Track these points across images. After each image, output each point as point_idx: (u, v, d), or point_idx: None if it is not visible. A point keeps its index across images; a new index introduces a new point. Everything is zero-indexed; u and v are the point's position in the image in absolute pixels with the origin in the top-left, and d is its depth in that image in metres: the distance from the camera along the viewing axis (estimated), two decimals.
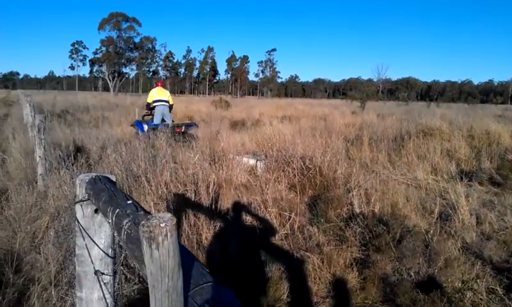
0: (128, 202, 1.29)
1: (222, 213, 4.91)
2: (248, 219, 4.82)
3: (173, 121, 10.57)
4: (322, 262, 3.75)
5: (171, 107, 10.57)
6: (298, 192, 5.14)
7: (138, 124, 10.67)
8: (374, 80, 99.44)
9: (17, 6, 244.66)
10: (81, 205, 1.70)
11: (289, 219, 4.57)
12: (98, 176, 1.68)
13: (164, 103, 10.30)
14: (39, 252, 3.66)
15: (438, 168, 7.55)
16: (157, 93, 10.43)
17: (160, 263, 0.86)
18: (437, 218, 4.76)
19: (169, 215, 0.85)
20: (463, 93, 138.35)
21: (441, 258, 3.85)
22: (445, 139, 9.46)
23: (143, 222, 0.82)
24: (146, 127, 9.99)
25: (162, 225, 0.82)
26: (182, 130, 9.87)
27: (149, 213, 1.18)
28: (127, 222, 1.15)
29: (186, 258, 0.93)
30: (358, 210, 4.75)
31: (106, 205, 1.37)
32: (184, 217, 4.32)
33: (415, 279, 3.63)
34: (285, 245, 4.20)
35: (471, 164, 8.05)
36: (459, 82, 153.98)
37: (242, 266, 3.67)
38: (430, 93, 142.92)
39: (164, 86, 11.27)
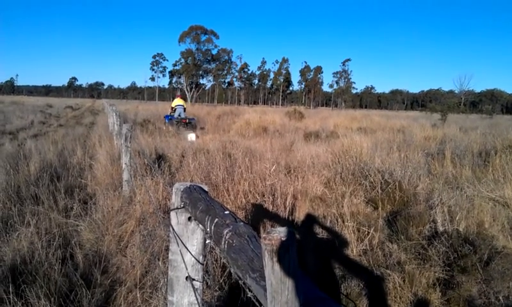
0: (226, 212, 1.32)
1: (298, 225, 4.90)
2: (323, 231, 4.77)
3: (185, 116, 17.33)
4: (404, 281, 3.63)
5: (185, 109, 17.71)
6: (379, 207, 5.01)
7: (166, 117, 17.98)
8: (456, 91, 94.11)
9: (103, 22, 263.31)
10: (176, 213, 1.77)
11: (368, 235, 4.45)
12: (193, 186, 1.74)
13: (180, 107, 17.44)
14: (125, 255, 3.83)
15: None
16: (177, 101, 17.78)
17: (281, 275, 0.87)
18: None
19: (288, 229, 0.86)
20: None
21: None
22: None
23: (264, 235, 0.84)
24: (168, 119, 17.23)
25: (283, 239, 0.84)
26: (187, 121, 16.55)
27: (248, 224, 1.21)
28: (227, 232, 1.18)
29: None
30: (441, 228, 4.52)
31: (204, 214, 1.41)
32: (261, 227, 4.36)
33: (504, 303, 3.44)
34: (364, 261, 4.10)
35: None
36: None
37: (320, 279, 3.64)
38: None
39: (182, 97, 18.70)
